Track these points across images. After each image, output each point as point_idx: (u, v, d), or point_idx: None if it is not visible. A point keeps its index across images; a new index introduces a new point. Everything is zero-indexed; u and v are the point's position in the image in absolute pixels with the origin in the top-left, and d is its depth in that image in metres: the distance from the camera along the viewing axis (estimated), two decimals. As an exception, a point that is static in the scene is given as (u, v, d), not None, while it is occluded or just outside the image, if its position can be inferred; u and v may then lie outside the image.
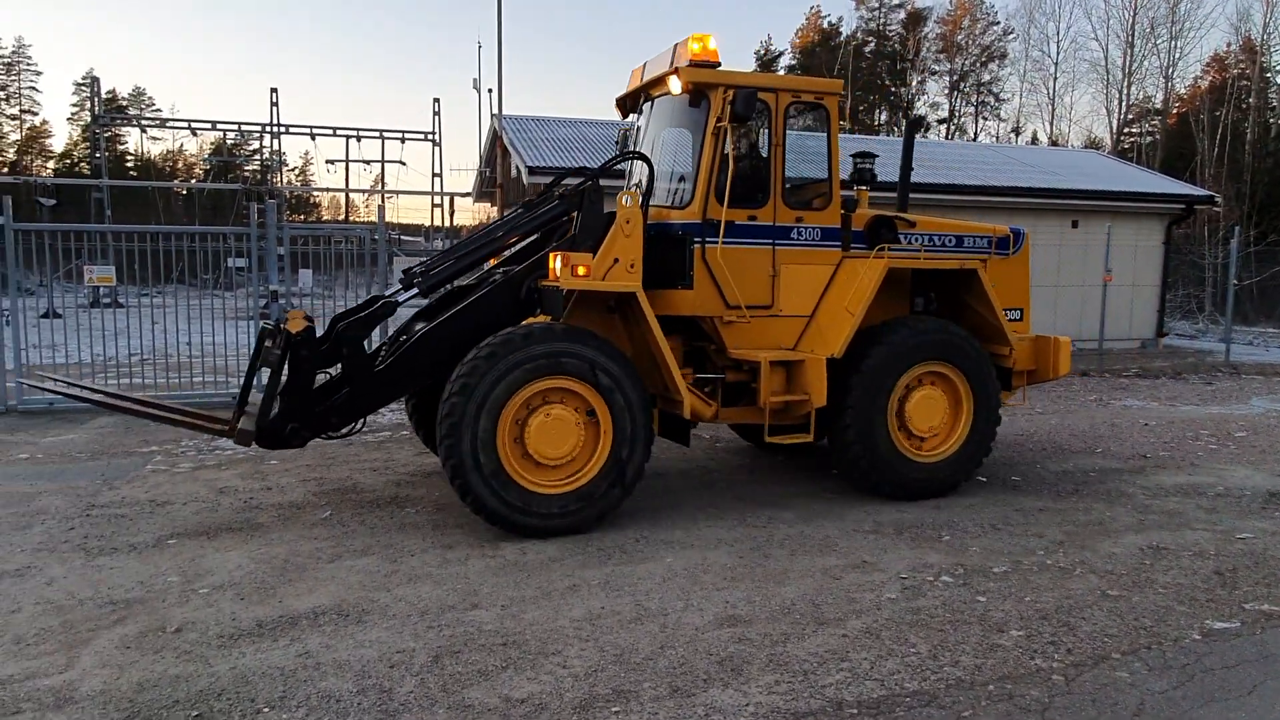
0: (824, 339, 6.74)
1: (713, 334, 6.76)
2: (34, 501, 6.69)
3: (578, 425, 5.93)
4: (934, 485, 6.95)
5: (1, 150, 68.40)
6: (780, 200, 6.73)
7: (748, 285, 6.67)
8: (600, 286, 6.13)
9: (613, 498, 6.04)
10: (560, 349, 5.81)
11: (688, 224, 6.55)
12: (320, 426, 6.13)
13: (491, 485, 5.72)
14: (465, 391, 5.65)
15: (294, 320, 6.05)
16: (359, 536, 5.85)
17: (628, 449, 6.01)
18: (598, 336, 6.00)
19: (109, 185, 33.93)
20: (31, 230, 10.89)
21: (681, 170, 6.95)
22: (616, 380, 5.93)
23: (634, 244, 6.25)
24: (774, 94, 6.69)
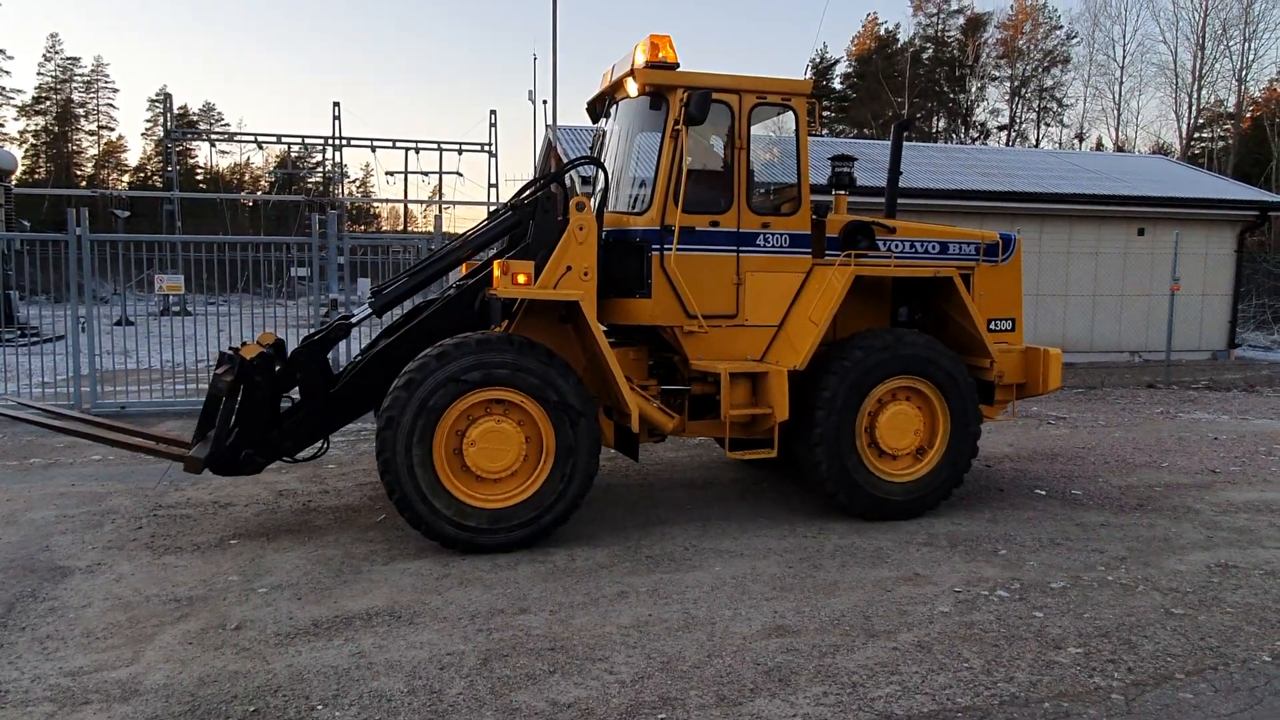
0: (790, 350, 6.54)
1: (674, 344, 6.61)
2: (105, 501, 6.95)
3: (518, 438, 5.78)
4: (908, 505, 6.64)
5: (80, 164, 71.37)
6: (744, 205, 6.58)
7: (710, 294, 6.51)
8: (538, 294, 5.95)
9: (559, 511, 5.86)
10: (488, 360, 5.62)
11: (646, 230, 6.43)
12: (275, 451, 6.16)
13: (439, 510, 5.61)
14: (391, 425, 5.53)
15: (248, 347, 6.04)
16: (412, 541, 5.94)
17: (571, 460, 5.83)
18: (518, 341, 5.76)
19: (179, 197, 35.11)
20: (105, 240, 11.33)
21: (643, 175, 6.84)
22: (550, 386, 5.73)
23: (587, 251, 6.16)
24: (736, 95, 6.54)
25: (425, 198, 47.19)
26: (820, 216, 6.97)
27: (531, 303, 6.17)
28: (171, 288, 11.70)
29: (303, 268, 18.46)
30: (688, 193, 6.33)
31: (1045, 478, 8.10)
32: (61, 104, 70.34)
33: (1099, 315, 17.51)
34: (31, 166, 66.82)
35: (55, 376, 11.94)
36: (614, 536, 6.16)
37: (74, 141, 72.30)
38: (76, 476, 7.75)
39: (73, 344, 10.81)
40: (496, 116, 41.43)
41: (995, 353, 6.98)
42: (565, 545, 5.92)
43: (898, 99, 55.37)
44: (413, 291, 6.47)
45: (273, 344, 6.45)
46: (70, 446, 8.95)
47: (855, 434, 6.46)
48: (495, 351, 5.67)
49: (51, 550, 5.73)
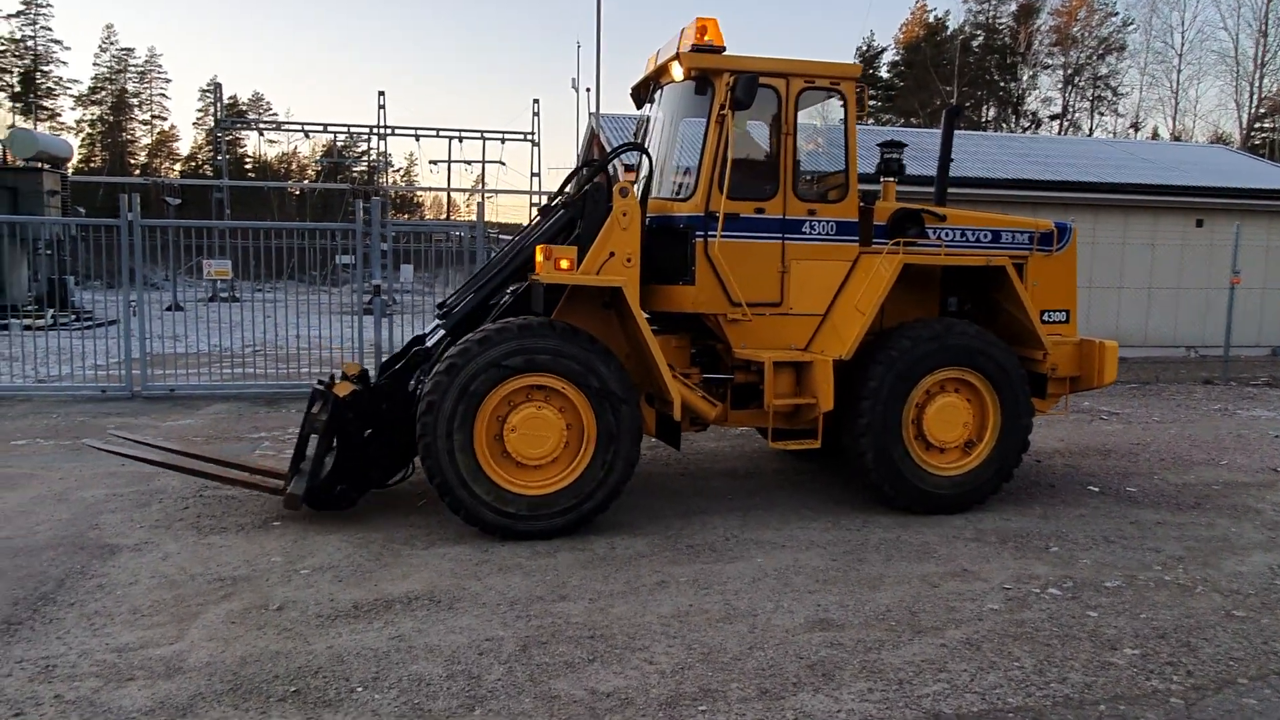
0: (835, 339, 6.42)
1: (718, 332, 6.51)
2: (153, 481, 7.06)
3: (559, 424, 5.73)
4: (955, 499, 6.48)
5: (134, 153, 73.05)
6: (790, 192, 6.45)
7: (754, 282, 6.40)
8: (581, 280, 5.92)
9: (599, 499, 5.82)
10: (530, 345, 5.58)
11: (690, 217, 6.33)
12: (366, 483, 6.18)
13: (479, 496, 5.59)
14: (432, 410, 5.53)
15: (341, 384, 6.04)
16: (451, 526, 5.94)
17: (612, 448, 5.78)
18: (560, 327, 5.72)
19: (229, 186, 35.73)
20: (156, 226, 11.53)
21: (688, 161, 6.73)
22: (592, 372, 5.68)
23: (630, 237, 6.08)
24: (784, 79, 6.40)
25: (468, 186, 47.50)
26: (868, 204, 6.81)
27: (574, 289, 6.12)
28: (219, 273, 11.88)
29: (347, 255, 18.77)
30: (733, 179, 6.22)
31: (1098, 474, 7.87)
32: (116, 94, 71.99)
33: (1154, 308, 17.02)
34: (87, 155, 68.53)
35: (108, 359, 12.19)
36: (654, 525, 6.10)
37: (128, 131, 73.99)
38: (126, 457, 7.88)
39: (124, 328, 11.03)
40: (539, 105, 41.51)
41: (1049, 344, 6.77)
42: (605, 533, 5.87)
43: (946, 88, 54.35)
44: (482, 305, 6.36)
45: (358, 375, 6.49)
46: (121, 427, 9.12)
47: (902, 425, 6.32)
48: (537, 337, 5.63)
49: (101, 528, 5.83)
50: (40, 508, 6.26)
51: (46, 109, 66.72)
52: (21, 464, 7.54)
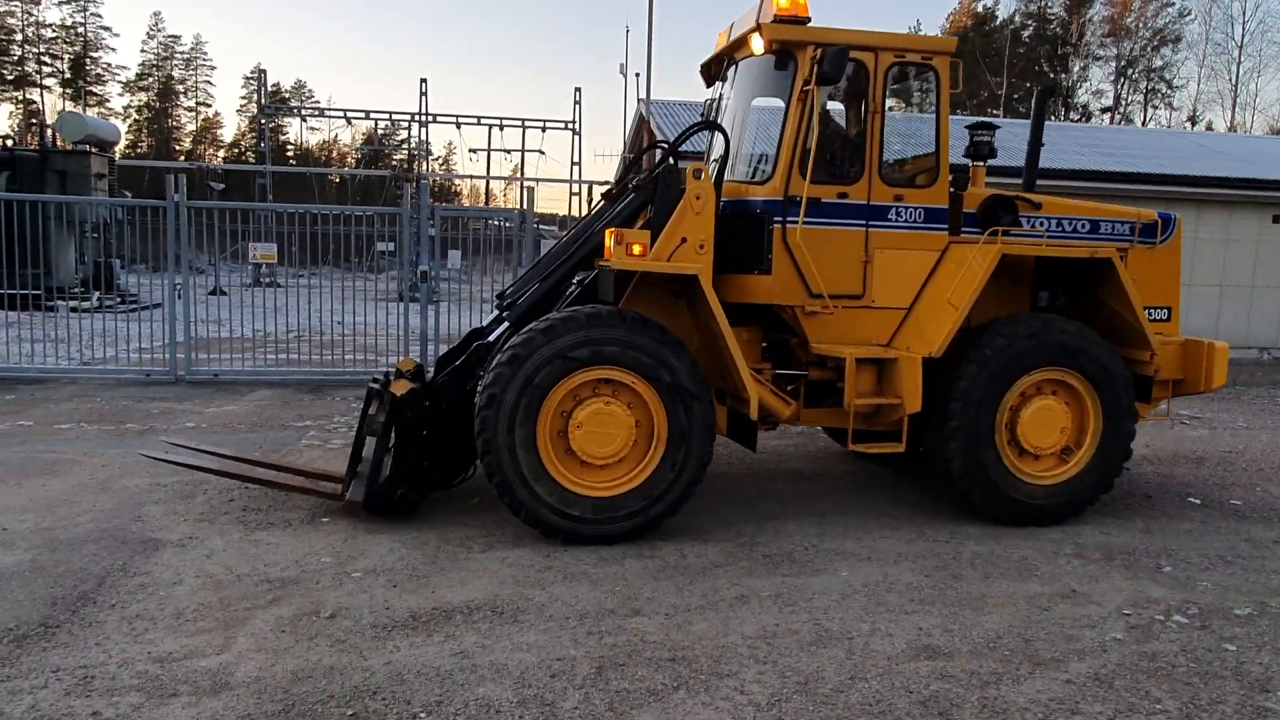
0: (922, 335, 5.93)
1: (794, 325, 6.06)
2: (196, 472, 6.77)
3: (628, 421, 5.33)
4: (1051, 511, 5.97)
5: (180, 140, 73.97)
6: (876, 175, 5.96)
7: (835, 271, 5.93)
8: (654, 267, 5.51)
9: (669, 501, 5.41)
10: (598, 336, 5.17)
11: (768, 201, 5.88)
12: (427, 487, 5.80)
13: (541, 497, 5.22)
14: (493, 404, 5.14)
15: (398, 383, 5.66)
16: (510, 526, 5.57)
17: (684, 447, 5.36)
18: (629, 317, 5.29)
19: (271, 171, 35.86)
20: (202, 208, 11.31)
21: (764, 142, 6.26)
22: (663, 366, 5.27)
23: (704, 222, 5.65)
24: (873, 54, 5.90)
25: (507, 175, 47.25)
26: (957, 190, 6.31)
27: (644, 277, 5.71)
28: (264, 256, 11.66)
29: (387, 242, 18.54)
30: (815, 161, 5.76)
31: (1195, 484, 7.30)
32: (163, 81, 72.91)
33: (1226, 307, 16.22)
34: (135, 141, 69.49)
35: (152, 343, 12.00)
36: (725, 531, 5.68)
37: (174, 117, 74.94)
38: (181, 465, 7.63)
39: (169, 311, 10.83)
40: (581, 94, 41.10)
41: (1155, 344, 6.23)
42: (673, 539, 5.47)
43: (995, 79, 53.07)
44: (548, 296, 5.94)
45: (414, 371, 6.14)
46: (165, 413, 8.90)
47: (995, 430, 5.82)
48: (605, 327, 5.23)
49: (144, 521, 5.54)
50: (82, 496, 6.00)
51: (95, 95, 67.75)
52: (66, 449, 7.31)
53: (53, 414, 8.71)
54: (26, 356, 11.12)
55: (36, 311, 12.15)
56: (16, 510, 5.66)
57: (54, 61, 67.79)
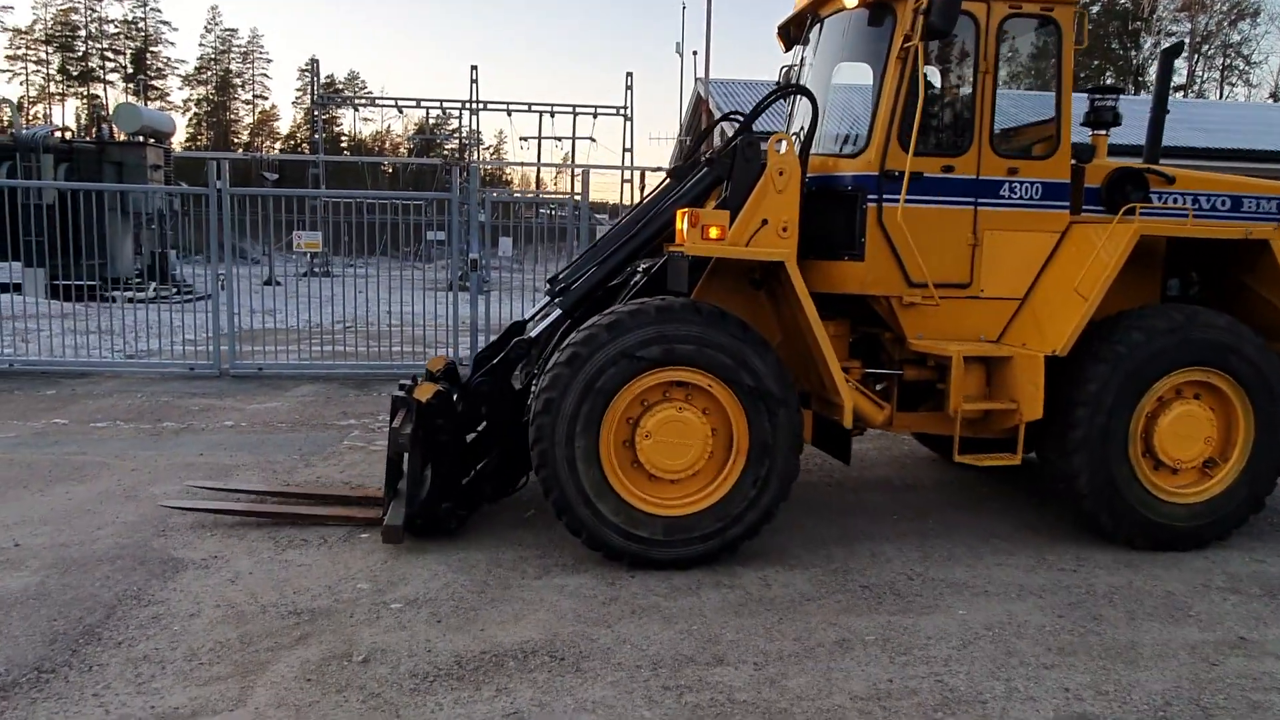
0: (1041, 330, 5.12)
1: (888, 319, 5.32)
2: (231, 477, 6.28)
3: (703, 430, 4.64)
4: (1192, 534, 5.14)
5: (237, 132, 75.11)
6: (987, 146, 5.16)
7: (938, 256, 5.15)
8: (738, 253, 4.81)
9: (749, 522, 4.71)
10: (671, 333, 4.48)
11: (860, 176, 5.12)
12: (476, 499, 5.15)
13: (605, 515, 4.56)
14: (551, 410, 4.49)
15: (422, 386, 5.02)
16: (568, 547, 4.94)
17: (767, 460, 4.65)
18: (706, 311, 4.58)
19: (324, 161, 35.90)
20: (245, 195, 10.89)
21: (855, 109, 5.51)
22: (744, 367, 4.57)
23: (787, 201, 4.91)
24: (984, 4, 5.09)
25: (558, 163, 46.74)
26: (1079, 162, 5.49)
27: (718, 265, 5.02)
28: (309, 245, 11.21)
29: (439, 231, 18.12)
30: (918, 130, 4.99)
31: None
32: (220, 74, 74.01)
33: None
34: (194, 134, 70.70)
35: (201, 335, 11.62)
36: (812, 555, 4.97)
37: (232, 110, 76.11)
38: (206, 444, 7.18)
39: (214, 303, 10.44)
40: (633, 79, 40.36)
41: None
42: (753, 563, 4.78)
43: (1062, 56, 50.82)
44: (605, 280, 5.29)
45: (445, 370, 5.54)
46: (205, 410, 8.47)
47: (1128, 439, 5.01)
48: (679, 322, 4.54)
49: (167, 535, 5.03)
50: (106, 506, 5.52)
51: (156, 89, 69.01)
52: (97, 450, 6.89)
53: (89, 411, 8.33)
54: (73, 349, 10.83)
55: (94, 303, 11.93)
56: (34, 522, 5.20)
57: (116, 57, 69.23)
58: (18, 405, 8.52)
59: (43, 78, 68.23)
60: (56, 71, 68.13)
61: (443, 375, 5.90)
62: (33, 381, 9.70)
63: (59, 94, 68.74)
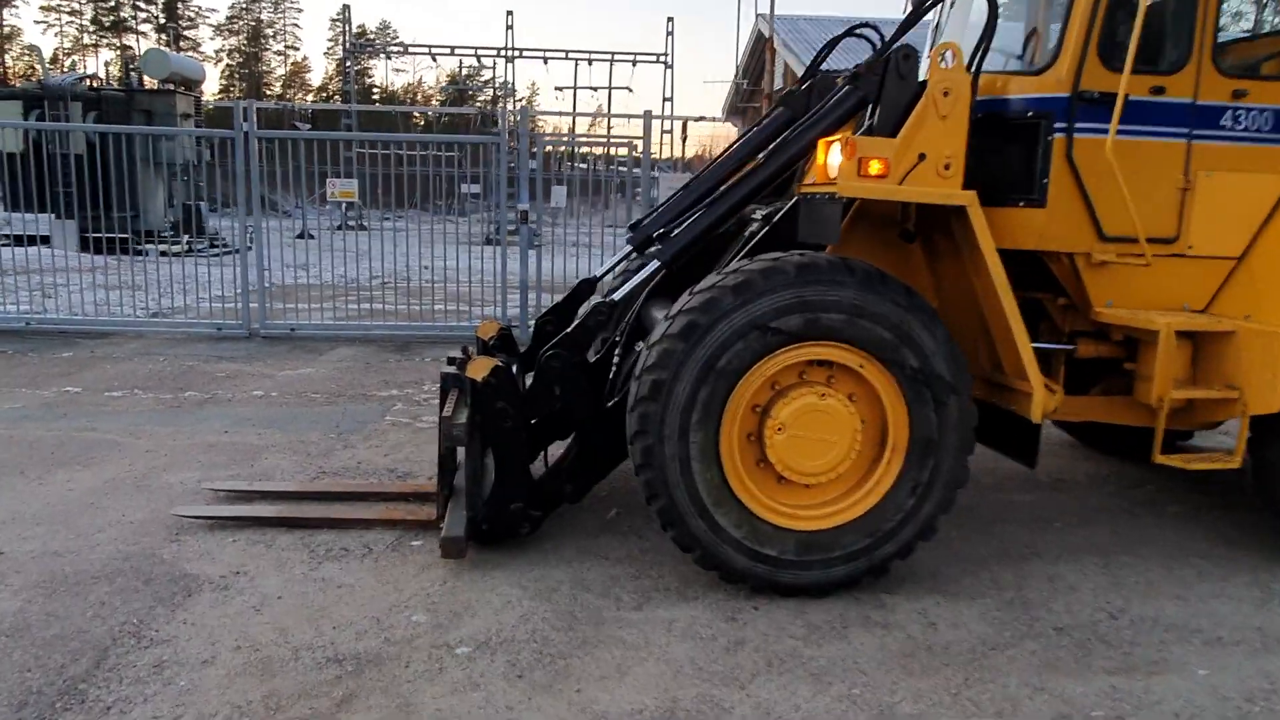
0: (1259, 299, 4.03)
1: (1066, 281, 4.23)
2: (259, 460, 5.40)
3: (851, 423, 3.62)
4: None
5: (270, 84, 74.16)
6: (1209, 60, 4.00)
7: (1140, 203, 4.01)
8: (916, 195, 3.71)
9: (904, 539, 3.73)
10: (815, 298, 3.46)
11: (1044, 99, 4.00)
12: (553, 498, 4.14)
13: (723, 529, 3.59)
14: (658, 394, 3.49)
15: (476, 363, 4.00)
16: (667, 562, 3.99)
17: (930, 461, 3.66)
18: (861, 271, 3.54)
19: (356, 110, 34.96)
20: (275, 138, 9.92)
21: (1031, 16, 4.42)
22: (907, 344, 3.54)
23: (952, 130, 3.80)
24: None
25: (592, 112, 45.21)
26: None
27: (857, 213, 3.96)
28: (344, 194, 10.25)
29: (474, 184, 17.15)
30: (1121, 40, 3.86)
31: None
32: (252, 24, 72.89)
33: None
34: (227, 86, 69.87)
35: (232, 290, 10.72)
36: (974, 579, 3.97)
37: (264, 61, 75.09)
38: (231, 419, 6.30)
39: (241, 258, 9.55)
40: (674, 24, 38.55)
41: None
42: (902, 590, 3.80)
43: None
44: (714, 228, 4.25)
45: (498, 338, 4.57)
46: (231, 378, 7.60)
47: None
48: (826, 284, 3.49)
49: (180, 541, 4.14)
50: (112, 499, 4.66)
51: (189, 39, 68.11)
52: (109, 426, 6.04)
53: (106, 377, 7.50)
54: (94, 306, 10.02)
55: (125, 256, 11.18)
56: (26, 520, 4.34)
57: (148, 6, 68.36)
58: (30, 370, 7.71)
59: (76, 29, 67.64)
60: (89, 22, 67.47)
61: (497, 345, 4.94)
62: (50, 343, 8.91)
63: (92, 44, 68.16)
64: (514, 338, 4.90)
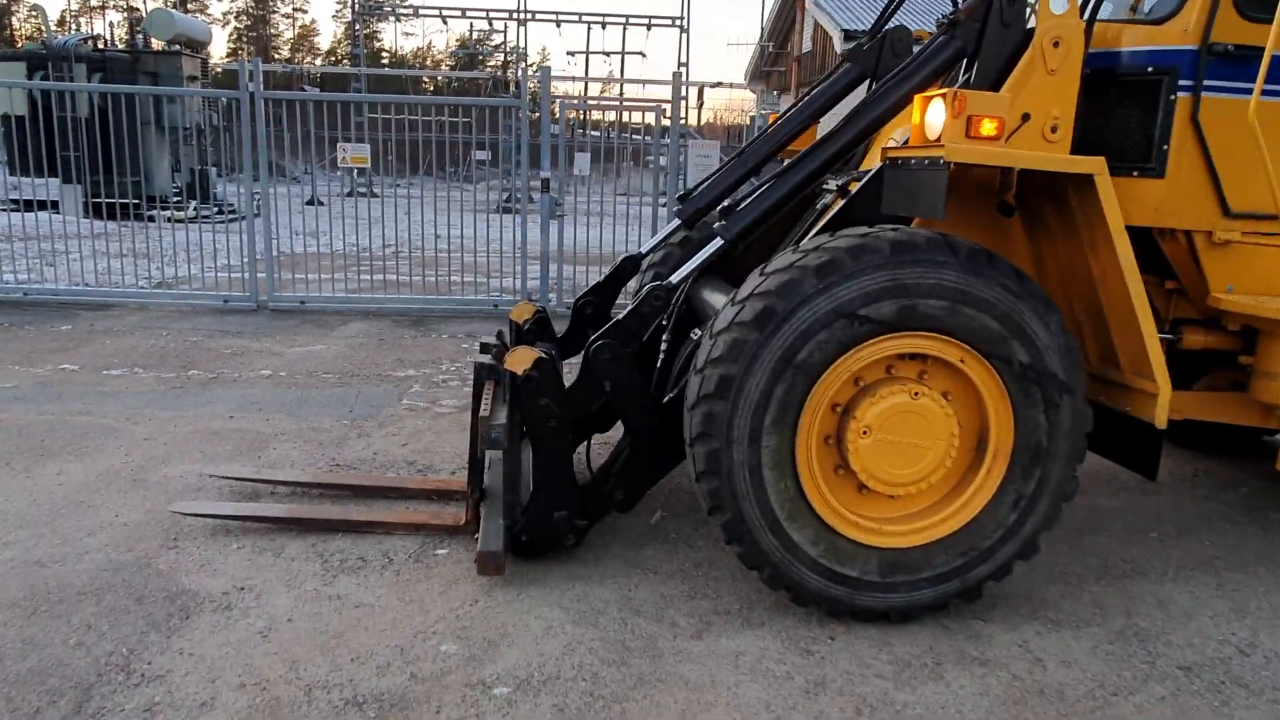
0: None
1: (1179, 263, 3.72)
2: (266, 449, 4.95)
3: (947, 426, 3.14)
4: None
5: (278, 48, 73.11)
6: None
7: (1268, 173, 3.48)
8: (1035, 163, 3.15)
9: (1002, 558, 3.25)
10: (913, 281, 2.95)
11: (1166, 53, 3.46)
12: (601, 508, 3.66)
13: (797, 545, 3.12)
14: (726, 391, 2.99)
15: (517, 353, 3.49)
16: (723, 578, 3.54)
17: (1037, 470, 3.17)
18: (965, 250, 3.02)
19: (366, 74, 34.26)
20: (282, 99, 9.38)
21: None
22: (1018, 336, 3.04)
23: (1061, 86, 3.29)
24: None
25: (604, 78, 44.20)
26: None
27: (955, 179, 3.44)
28: (356, 160, 9.72)
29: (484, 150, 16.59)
30: None
31: None
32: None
33: None
34: (234, 48, 68.91)
35: (239, 259, 10.23)
36: (1074, 602, 3.50)
37: (272, 24, 74.01)
38: (237, 402, 5.85)
39: (248, 226, 9.06)
40: (691, -15, 37.54)
41: None
42: (996, 616, 3.34)
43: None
44: (785, 202, 3.71)
45: (534, 322, 4.09)
46: (238, 355, 7.15)
47: None
48: (925, 265, 2.98)
49: (179, 548, 3.70)
50: (105, 496, 4.22)
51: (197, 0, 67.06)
52: (106, 408, 5.60)
53: (105, 353, 7.05)
54: (99, 274, 9.55)
55: (132, 222, 10.74)
56: (10, 521, 3.90)
57: (154, -34, 67.24)
58: (25, 344, 7.28)
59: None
60: (95, -18, 66.39)
61: (533, 329, 4.45)
62: (48, 314, 8.47)
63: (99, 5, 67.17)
64: (549, 320, 4.41)
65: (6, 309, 8.57)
